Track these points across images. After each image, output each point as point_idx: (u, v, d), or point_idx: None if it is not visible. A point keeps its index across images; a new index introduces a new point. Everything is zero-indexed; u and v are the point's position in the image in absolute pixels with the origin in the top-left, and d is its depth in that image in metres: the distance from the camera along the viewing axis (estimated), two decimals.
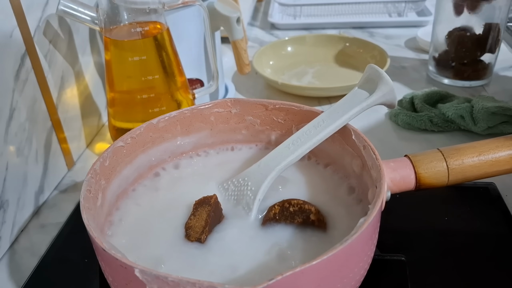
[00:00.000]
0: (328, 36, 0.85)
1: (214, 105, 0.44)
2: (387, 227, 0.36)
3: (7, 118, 0.45)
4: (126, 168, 0.40)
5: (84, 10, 0.51)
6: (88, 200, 0.34)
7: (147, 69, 0.53)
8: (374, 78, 0.39)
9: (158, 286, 0.27)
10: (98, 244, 0.30)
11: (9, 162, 0.45)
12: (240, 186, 0.39)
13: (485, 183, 0.48)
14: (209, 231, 0.36)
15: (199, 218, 0.36)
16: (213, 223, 0.36)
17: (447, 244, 0.42)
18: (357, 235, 0.29)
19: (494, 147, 0.38)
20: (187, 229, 0.36)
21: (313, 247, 0.35)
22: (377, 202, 0.31)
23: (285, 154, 0.39)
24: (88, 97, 0.61)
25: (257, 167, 0.39)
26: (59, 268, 0.43)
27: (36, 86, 0.50)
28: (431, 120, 0.59)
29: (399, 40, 0.89)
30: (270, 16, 1.00)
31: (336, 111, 0.39)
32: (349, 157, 0.40)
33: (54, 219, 0.50)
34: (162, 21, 0.53)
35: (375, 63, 0.75)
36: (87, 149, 0.61)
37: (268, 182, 0.38)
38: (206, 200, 0.37)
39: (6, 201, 0.45)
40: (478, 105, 0.57)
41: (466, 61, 0.69)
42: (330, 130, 0.38)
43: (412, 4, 0.98)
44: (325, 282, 0.28)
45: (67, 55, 0.55)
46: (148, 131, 0.42)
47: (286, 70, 0.79)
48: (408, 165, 0.37)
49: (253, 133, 0.45)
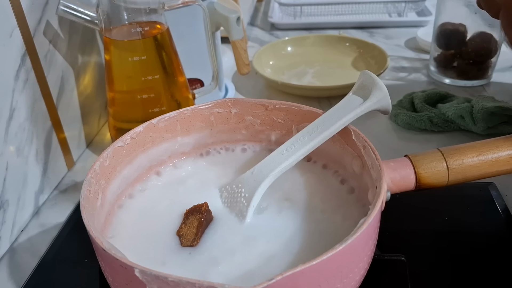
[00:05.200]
0: (328, 36, 0.86)
1: (214, 105, 0.44)
2: (387, 227, 0.36)
3: (7, 118, 0.45)
4: (126, 168, 0.40)
5: (84, 10, 0.51)
6: (88, 200, 0.34)
7: (147, 69, 0.53)
8: (368, 84, 0.39)
9: (158, 286, 0.27)
10: (98, 244, 0.30)
11: (9, 162, 0.45)
12: (234, 193, 0.39)
13: (485, 183, 0.48)
14: (200, 236, 0.36)
15: (190, 226, 0.36)
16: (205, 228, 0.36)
17: (447, 244, 0.42)
18: (357, 235, 0.29)
19: (494, 147, 0.38)
20: (179, 237, 0.36)
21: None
22: (377, 202, 0.31)
23: (279, 160, 0.39)
24: (88, 97, 0.61)
25: (250, 174, 0.39)
26: (59, 268, 0.43)
27: (36, 86, 0.50)
28: (431, 120, 0.59)
29: (399, 40, 0.89)
30: (270, 16, 1.00)
31: (330, 117, 0.39)
32: (349, 157, 0.40)
33: (54, 219, 0.50)
34: (162, 21, 0.53)
35: (375, 63, 0.76)
36: (87, 149, 0.61)
37: (262, 189, 0.38)
38: (197, 208, 0.37)
39: (6, 201, 0.45)
40: (478, 105, 0.57)
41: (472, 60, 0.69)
42: (324, 136, 0.38)
43: (412, 4, 0.98)
44: (325, 282, 0.28)
45: (67, 55, 0.55)
46: (148, 131, 0.42)
47: (286, 70, 0.79)
48: (408, 165, 0.37)
49: (253, 133, 0.45)
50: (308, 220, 0.37)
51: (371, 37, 0.92)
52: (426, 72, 0.76)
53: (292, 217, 0.38)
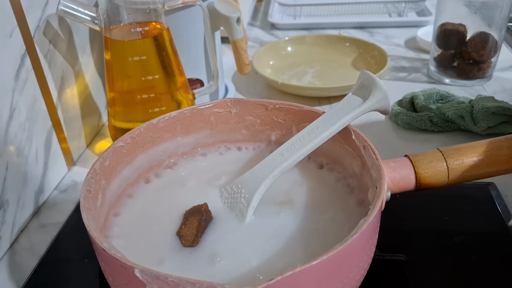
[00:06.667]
0: (328, 36, 0.85)
1: (214, 105, 0.44)
2: (387, 227, 0.36)
3: (7, 118, 0.45)
4: (126, 168, 0.40)
5: (84, 10, 0.51)
6: (88, 200, 0.34)
7: (147, 69, 0.53)
8: (368, 84, 0.39)
9: (158, 286, 0.27)
10: (98, 244, 0.30)
11: (9, 162, 0.45)
12: (234, 193, 0.39)
13: (485, 183, 0.48)
14: (200, 236, 0.36)
15: (190, 227, 0.36)
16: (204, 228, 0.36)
17: (447, 244, 0.42)
18: (357, 235, 0.29)
19: (494, 147, 0.38)
20: (179, 237, 0.36)
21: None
22: (377, 202, 0.31)
23: (278, 161, 0.39)
24: (88, 97, 0.61)
25: (250, 174, 0.39)
26: (59, 268, 0.43)
27: (36, 86, 0.50)
28: (431, 120, 0.59)
29: (399, 40, 0.89)
30: (270, 16, 1.00)
31: (330, 117, 0.39)
32: (349, 157, 0.40)
33: (54, 219, 0.50)
34: (162, 21, 0.53)
35: (375, 63, 0.76)
36: (87, 149, 0.61)
37: (262, 189, 0.38)
38: (196, 209, 0.37)
39: (6, 201, 0.45)
40: (478, 105, 0.57)
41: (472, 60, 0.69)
42: (324, 136, 0.38)
43: (412, 4, 0.98)
44: (325, 282, 0.28)
45: (67, 55, 0.55)
46: (148, 131, 0.42)
47: (286, 70, 0.79)
48: (408, 165, 0.37)
49: (253, 133, 0.45)
50: (308, 220, 0.37)
51: (371, 37, 0.92)
52: (426, 72, 0.76)
53: (292, 217, 0.38)
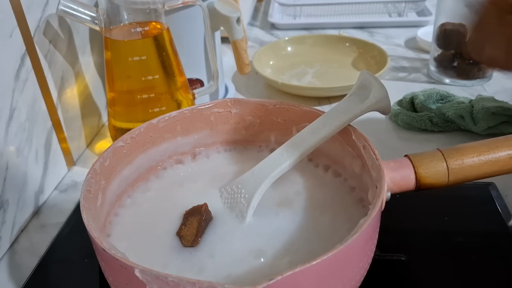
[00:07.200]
0: (328, 36, 0.85)
1: (214, 105, 0.44)
2: (387, 227, 0.36)
3: (7, 118, 0.45)
4: (126, 168, 0.40)
5: (84, 10, 0.51)
6: (88, 200, 0.34)
7: (147, 69, 0.53)
8: (368, 84, 0.39)
9: (158, 286, 0.27)
10: (98, 244, 0.30)
11: (9, 162, 0.45)
12: (234, 193, 0.39)
13: (485, 183, 0.48)
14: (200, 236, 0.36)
15: (190, 227, 0.36)
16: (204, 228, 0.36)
17: (447, 244, 0.42)
18: (357, 235, 0.29)
19: (494, 147, 0.38)
20: (179, 237, 0.36)
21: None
22: (377, 202, 0.31)
23: (278, 161, 0.39)
24: (88, 97, 0.61)
25: (250, 174, 0.39)
26: (59, 268, 0.43)
27: (36, 86, 0.50)
28: (431, 120, 0.59)
29: (399, 40, 0.89)
30: (270, 16, 1.00)
31: (330, 117, 0.39)
32: (349, 157, 0.40)
33: (54, 219, 0.50)
34: (162, 21, 0.53)
35: (375, 63, 0.76)
36: (87, 149, 0.61)
37: (262, 189, 0.38)
38: (196, 209, 0.37)
39: (6, 201, 0.45)
40: (478, 105, 0.57)
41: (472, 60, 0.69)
42: (324, 136, 0.38)
43: (412, 4, 0.98)
44: (325, 282, 0.28)
45: (67, 55, 0.55)
46: (148, 131, 0.42)
47: (286, 70, 0.79)
48: (408, 165, 0.37)
49: (253, 133, 0.45)
50: (308, 220, 0.37)
51: (371, 37, 0.92)
52: (426, 72, 0.76)
53: (292, 217, 0.38)
